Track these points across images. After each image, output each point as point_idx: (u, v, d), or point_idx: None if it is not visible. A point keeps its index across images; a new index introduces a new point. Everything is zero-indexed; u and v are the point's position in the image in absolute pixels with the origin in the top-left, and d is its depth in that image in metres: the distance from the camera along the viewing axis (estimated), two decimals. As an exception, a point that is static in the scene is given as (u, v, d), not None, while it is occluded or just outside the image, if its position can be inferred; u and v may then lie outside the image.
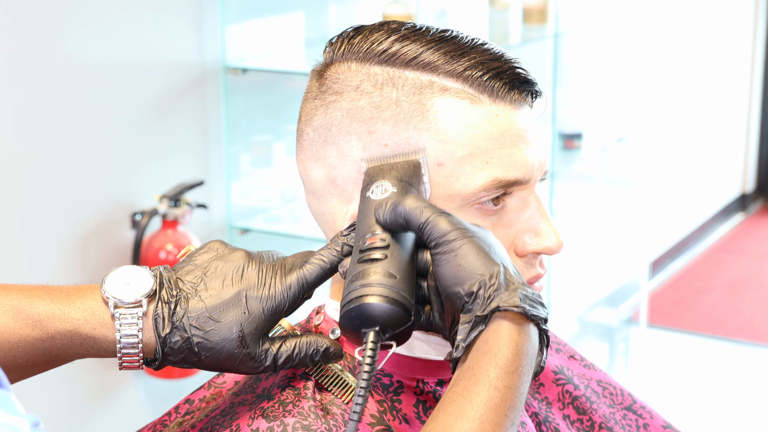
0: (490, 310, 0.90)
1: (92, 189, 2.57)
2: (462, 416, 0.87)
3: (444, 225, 0.93)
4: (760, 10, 5.65)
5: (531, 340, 0.91)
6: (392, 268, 0.91)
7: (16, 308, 0.96)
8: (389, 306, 0.90)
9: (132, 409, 2.75)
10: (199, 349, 0.96)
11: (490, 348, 0.90)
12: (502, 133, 1.01)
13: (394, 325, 0.91)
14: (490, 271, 0.91)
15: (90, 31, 2.51)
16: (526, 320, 0.91)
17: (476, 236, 0.93)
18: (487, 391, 0.88)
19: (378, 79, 1.01)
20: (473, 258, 0.91)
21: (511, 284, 0.91)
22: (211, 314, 0.96)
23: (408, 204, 0.94)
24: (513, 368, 0.89)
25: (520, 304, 0.90)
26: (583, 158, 3.83)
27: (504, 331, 0.90)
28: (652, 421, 1.24)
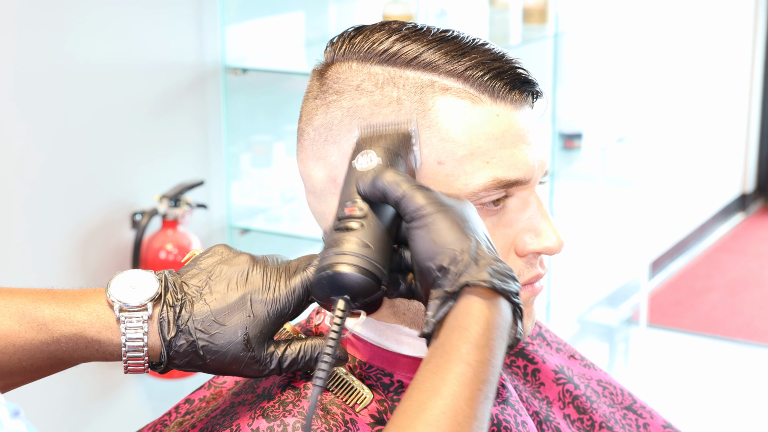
0: (459, 286, 0.90)
1: (92, 189, 2.57)
2: (435, 393, 0.87)
3: (419, 199, 0.93)
4: (760, 10, 5.65)
5: (502, 314, 0.91)
6: (367, 238, 0.92)
7: (22, 312, 0.96)
8: (359, 275, 0.91)
9: (132, 409, 2.75)
10: (204, 353, 0.96)
11: (460, 324, 0.90)
12: (502, 133, 1.01)
13: (364, 294, 0.91)
14: (461, 246, 0.91)
15: (90, 32, 2.51)
16: (496, 294, 0.91)
17: (452, 210, 0.93)
18: (459, 366, 0.88)
19: (379, 78, 1.02)
20: (446, 232, 0.92)
21: (481, 259, 0.91)
22: (216, 318, 0.96)
23: (386, 178, 0.94)
24: (484, 342, 0.89)
25: (488, 279, 0.90)
26: (583, 158, 3.83)
27: (474, 306, 0.90)
28: (652, 420, 1.24)
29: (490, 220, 1.02)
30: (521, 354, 1.21)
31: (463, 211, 0.94)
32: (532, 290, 1.06)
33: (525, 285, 1.05)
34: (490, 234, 1.02)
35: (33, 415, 2.51)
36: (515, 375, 1.19)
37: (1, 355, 0.95)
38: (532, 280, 1.05)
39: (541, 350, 1.22)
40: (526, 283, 1.05)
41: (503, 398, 1.11)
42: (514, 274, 0.93)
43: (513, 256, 1.04)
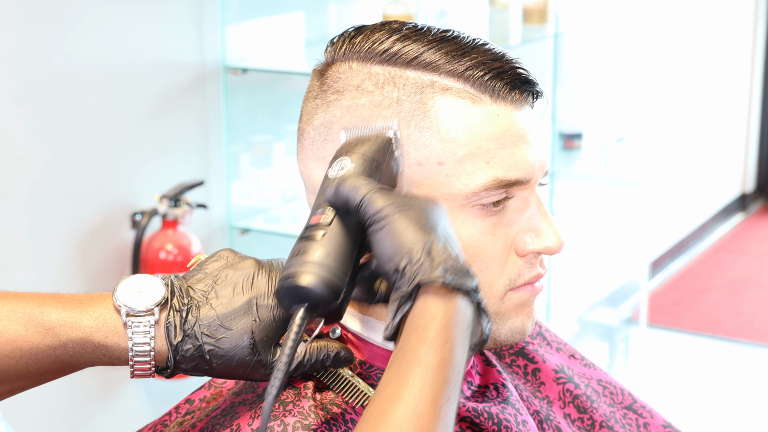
0: (414, 286, 0.90)
1: (92, 189, 2.57)
2: (397, 398, 0.87)
3: (379, 202, 0.93)
4: (760, 10, 5.65)
5: (459, 312, 0.90)
6: (328, 248, 0.92)
7: (28, 316, 0.96)
8: (318, 286, 0.91)
9: (132, 409, 2.75)
10: (210, 357, 0.97)
11: (417, 325, 0.89)
12: (503, 133, 1.01)
13: (321, 304, 0.92)
14: (417, 245, 0.91)
15: (90, 31, 2.51)
16: (451, 292, 0.90)
17: (411, 210, 0.93)
18: (419, 369, 0.87)
19: (379, 78, 1.02)
20: (403, 233, 0.91)
21: (436, 256, 0.90)
22: (222, 322, 0.97)
23: (347, 184, 0.94)
24: (441, 342, 0.88)
25: (441, 277, 0.89)
26: (583, 158, 3.83)
27: (429, 307, 0.90)
28: (652, 420, 1.24)
29: (490, 220, 1.02)
30: (521, 353, 1.21)
31: (424, 210, 0.94)
32: (532, 290, 1.06)
33: (525, 285, 1.05)
34: (491, 234, 1.02)
35: (33, 415, 2.51)
36: (515, 374, 1.19)
37: (8, 359, 0.96)
38: (532, 280, 1.05)
39: (542, 350, 1.22)
40: (527, 283, 1.05)
41: (504, 397, 1.11)
42: (472, 270, 0.92)
43: (513, 256, 1.04)
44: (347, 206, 0.94)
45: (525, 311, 1.06)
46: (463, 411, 1.06)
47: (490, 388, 1.11)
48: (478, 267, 1.02)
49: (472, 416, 1.06)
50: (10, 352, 0.96)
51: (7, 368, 0.96)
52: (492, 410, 1.08)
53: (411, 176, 1.01)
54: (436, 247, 0.91)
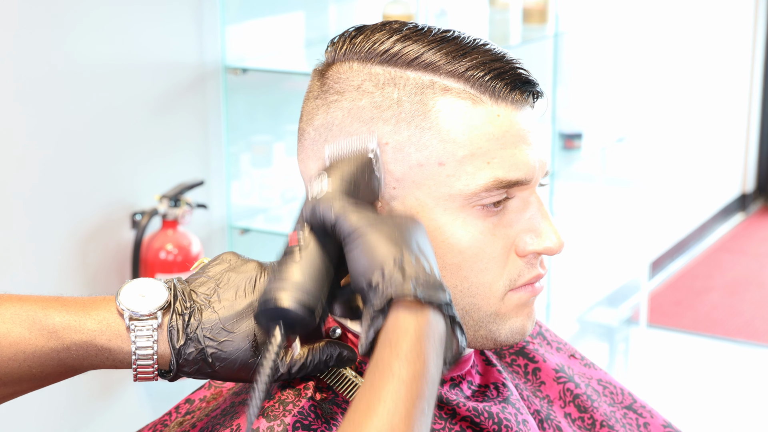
0: (385, 301, 0.91)
1: (92, 189, 2.57)
2: (371, 412, 0.87)
3: (352, 220, 0.94)
4: (760, 10, 5.65)
5: (431, 325, 0.91)
6: (304, 269, 0.94)
7: (32, 319, 0.96)
8: (293, 307, 0.92)
9: (132, 409, 2.75)
10: (213, 360, 0.97)
11: (390, 340, 0.90)
12: (503, 133, 1.01)
13: (297, 325, 0.93)
14: (388, 261, 0.91)
15: (90, 31, 2.51)
16: (423, 306, 0.91)
17: (384, 225, 0.94)
18: (392, 383, 0.88)
19: (379, 79, 1.02)
20: (374, 249, 0.92)
21: (407, 270, 0.91)
22: (224, 325, 0.97)
23: (322, 203, 0.95)
24: (414, 356, 0.89)
25: (412, 292, 0.90)
26: (583, 158, 3.83)
27: (401, 321, 0.90)
28: (652, 420, 1.24)
29: (490, 220, 1.02)
30: (522, 353, 1.21)
31: (398, 226, 0.94)
32: (532, 290, 1.06)
33: (525, 285, 1.05)
34: (491, 235, 1.02)
35: (33, 414, 2.51)
36: (516, 374, 1.19)
37: (11, 362, 0.96)
38: (533, 281, 1.05)
39: (542, 349, 1.22)
40: (527, 284, 1.05)
41: (504, 397, 1.11)
42: (444, 284, 0.93)
43: (513, 257, 1.04)
44: (323, 226, 0.95)
45: (525, 311, 1.06)
46: (464, 410, 1.06)
47: (490, 388, 1.11)
48: (479, 267, 1.02)
49: (472, 416, 1.06)
50: (13, 355, 0.96)
51: (11, 371, 0.96)
52: (492, 410, 1.08)
53: (412, 177, 1.01)
54: (408, 262, 0.91)
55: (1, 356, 0.96)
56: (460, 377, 1.10)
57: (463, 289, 1.03)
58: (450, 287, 1.03)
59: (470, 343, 1.05)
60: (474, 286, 1.03)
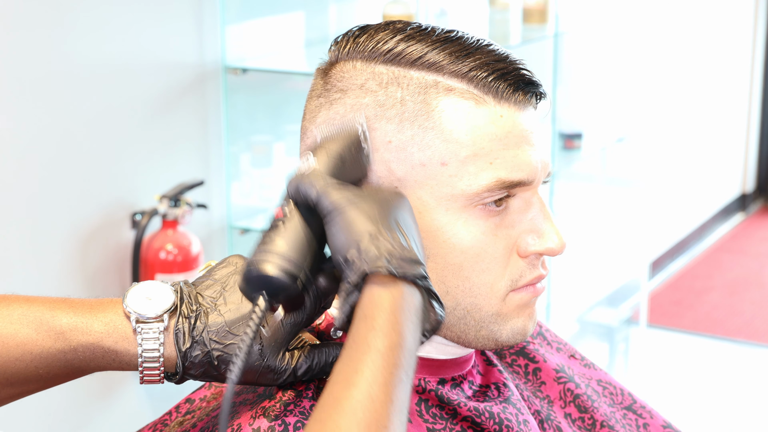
0: (360, 276, 0.92)
1: (92, 189, 2.57)
2: (350, 384, 0.88)
3: (333, 196, 0.95)
4: (760, 10, 5.65)
5: (405, 298, 0.92)
6: (287, 239, 0.95)
7: (39, 320, 0.97)
8: (275, 274, 0.94)
9: (132, 409, 2.75)
10: (219, 363, 0.97)
11: (366, 313, 0.91)
12: (506, 134, 1.01)
13: (280, 291, 0.94)
14: (364, 236, 0.92)
15: (89, 31, 2.51)
16: (396, 279, 0.92)
17: (363, 201, 0.95)
18: (369, 355, 0.89)
19: (383, 78, 1.02)
20: (352, 224, 0.93)
21: (381, 245, 0.92)
22: (230, 328, 0.98)
23: (304, 180, 0.96)
24: (389, 328, 0.90)
25: (384, 265, 0.91)
26: (583, 158, 3.83)
27: (375, 295, 0.91)
28: (652, 420, 1.24)
29: (492, 221, 1.02)
30: (522, 353, 1.21)
31: (378, 202, 0.96)
32: (534, 291, 1.06)
33: (527, 286, 1.05)
34: (493, 235, 1.02)
35: (33, 414, 2.51)
36: (516, 374, 1.19)
37: (18, 362, 0.96)
38: (534, 281, 1.05)
39: (542, 349, 1.22)
40: (528, 284, 1.05)
41: (505, 397, 1.11)
42: (418, 257, 0.93)
43: (515, 257, 1.04)
44: (306, 203, 0.96)
45: (526, 312, 1.06)
46: (465, 411, 1.06)
47: (491, 388, 1.12)
48: (480, 267, 1.02)
49: (473, 416, 1.06)
50: (20, 356, 0.96)
51: (17, 371, 0.97)
52: (493, 410, 1.08)
53: (414, 177, 1.01)
54: (383, 237, 0.92)
55: (9, 357, 0.96)
56: (461, 377, 1.10)
57: (464, 289, 1.03)
58: (452, 287, 1.03)
59: (471, 343, 1.06)
60: (476, 286, 1.03)
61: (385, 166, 1.02)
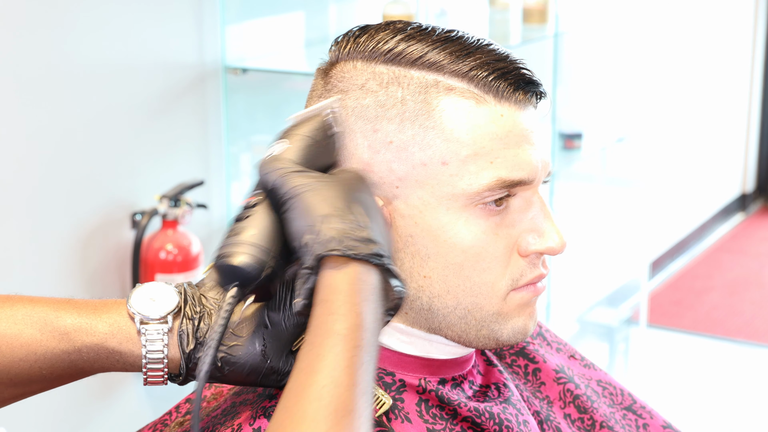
0: (315, 259, 0.92)
1: (92, 189, 2.57)
2: (313, 370, 0.88)
3: (291, 182, 0.95)
4: (760, 10, 5.65)
5: (361, 278, 0.92)
6: (255, 226, 0.95)
7: (43, 320, 0.97)
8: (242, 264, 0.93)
9: (132, 409, 2.75)
10: (222, 364, 0.97)
11: (323, 297, 0.91)
12: (506, 133, 1.01)
13: (249, 281, 0.94)
14: (317, 220, 0.92)
15: (90, 31, 2.51)
16: (350, 261, 0.92)
17: (321, 186, 0.95)
18: (329, 339, 0.89)
19: (383, 78, 1.02)
20: (308, 209, 0.93)
21: (335, 228, 0.92)
22: (234, 330, 0.98)
23: (265, 166, 0.96)
24: (347, 310, 0.90)
25: (337, 247, 0.91)
26: (583, 158, 3.83)
27: (330, 278, 0.92)
28: (651, 421, 1.24)
29: (493, 220, 1.02)
30: (522, 353, 1.21)
31: (335, 184, 0.95)
32: (534, 290, 1.06)
33: (527, 285, 1.05)
34: (493, 234, 1.02)
35: (33, 414, 2.51)
36: (516, 374, 1.19)
37: (22, 363, 0.97)
38: (535, 281, 1.05)
39: (542, 350, 1.22)
40: (529, 283, 1.05)
41: (505, 397, 1.11)
42: (372, 236, 0.93)
43: (516, 257, 1.04)
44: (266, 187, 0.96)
45: (527, 311, 1.06)
46: (465, 411, 1.06)
47: (491, 388, 1.12)
48: (481, 267, 1.02)
49: (473, 416, 1.06)
50: (24, 356, 0.96)
51: (21, 372, 0.97)
52: (493, 410, 1.08)
53: (415, 176, 1.01)
54: (336, 220, 0.92)
55: (13, 357, 0.96)
56: (461, 377, 1.10)
57: (465, 289, 1.03)
58: (453, 286, 1.03)
59: (472, 342, 1.06)
60: (476, 285, 1.03)
61: (386, 166, 1.02)
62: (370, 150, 1.02)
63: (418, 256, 1.02)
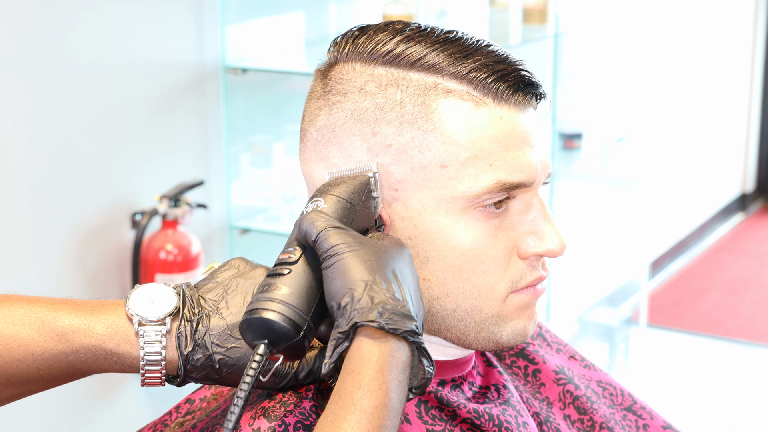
0: (350, 326, 0.91)
1: (92, 189, 2.57)
2: None
3: (332, 240, 0.94)
4: (760, 10, 5.65)
5: (394, 355, 0.91)
6: (292, 284, 0.94)
7: (41, 321, 0.97)
8: (278, 322, 0.93)
9: (132, 409, 2.75)
10: (220, 366, 0.97)
11: (353, 368, 0.90)
12: (506, 135, 1.01)
13: (281, 340, 0.93)
14: (359, 286, 0.91)
15: (90, 32, 2.51)
16: (387, 335, 0.91)
17: (363, 250, 0.94)
18: (353, 414, 0.88)
19: (382, 80, 1.02)
20: (348, 272, 0.92)
21: (375, 297, 0.91)
22: (232, 332, 0.98)
23: (306, 219, 0.95)
24: (376, 386, 0.89)
25: (376, 319, 0.90)
26: (583, 158, 3.83)
27: (364, 349, 0.91)
28: (651, 421, 1.24)
29: (492, 222, 1.02)
30: (522, 354, 1.21)
31: (378, 250, 0.95)
32: (534, 292, 1.06)
33: (527, 287, 1.05)
34: (493, 237, 1.02)
35: (32, 414, 2.51)
36: (516, 375, 1.19)
37: (20, 363, 0.97)
38: (534, 283, 1.05)
39: (542, 351, 1.22)
40: (528, 286, 1.05)
41: (505, 399, 1.11)
42: (411, 312, 0.92)
43: (515, 259, 1.04)
44: (307, 242, 0.95)
45: (527, 313, 1.06)
46: (464, 412, 1.06)
47: (491, 389, 1.11)
48: (481, 269, 1.02)
49: (473, 417, 1.06)
50: (22, 357, 0.96)
51: (19, 372, 0.97)
52: (493, 411, 1.08)
53: (414, 179, 1.01)
54: (378, 289, 0.92)
55: (10, 357, 0.96)
56: (461, 378, 1.10)
57: (465, 291, 1.03)
58: (452, 289, 1.03)
59: (472, 344, 1.06)
60: (476, 288, 1.03)
61: (385, 169, 1.02)
62: (369, 153, 1.02)
63: (418, 259, 1.02)
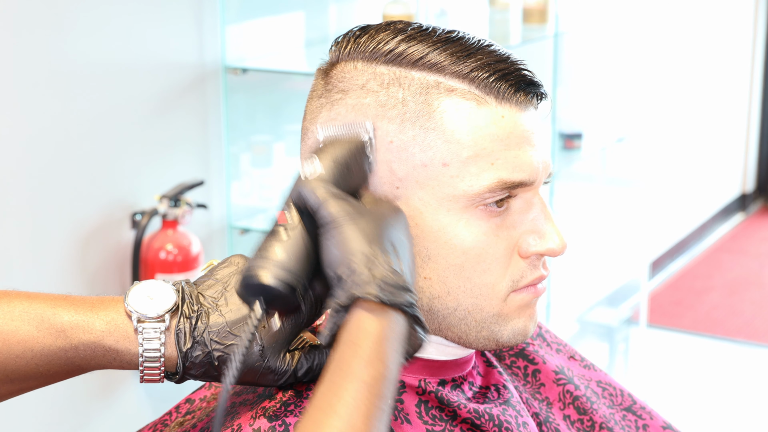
0: (349, 298, 0.92)
1: (92, 189, 2.57)
2: (332, 412, 0.88)
3: (332, 208, 0.94)
4: (760, 10, 5.65)
5: (392, 326, 0.92)
6: (288, 248, 0.95)
7: (41, 317, 0.97)
8: (273, 283, 0.94)
9: (132, 409, 2.75)
10: (219, 363, 0.97)
11: (353, 339, 0.91)
12: (507, 134, 1.01)
13: (276, 300, 0.95)
14: (358, 257, 0.92)
15: (90, 32, 2.51)
16: (385, 307, 0.92)
17: (363, 220, 0.94)
18: (353, 384, 0.89)
19: (384, 78, 1.02)
20: (349, 242, 0.93)
21: (375, 270, 0.92)
22: (231, 329, 0.98)
23: (307, 186, 0.96)
24: (375, 357, 0.90)
25: (375, 293, 0.91)
26: (583, 158, 3.83)
27: (363, 321, 0.91)
28: (651, 421, 1.24)
29: (493, 221, 1.02)
30: (522, 354, 1.21)
31: (376, 221, 0.95)
32: (534, 292, 1.06)
33: (528, 287, 1.05)
34: (494, 236, 1.02)
35: (32, 414, 2.51)
36: (515, 376, 1.19)
37: (19, 359, 0.97)
38: (535, 282, 1.05)
39: (542, 351, 1.22)
40: (529, 285, 1.05)
41: (504, 399, 1.11)
42: (408, 283, 0.93)
43: (516, 258, 1.04)
44: (306, 208, 0.96)
45: (527, 313, 1.06)
46: (464, 412, 1.06)
47: (491, 389, 1.11)
48: (482, 268, 1.02)
49: (473, 417, 1.06)
50: (21, 353, 0.96)
51: (18, 368, 0.97)
52: (493, 412, 1.08)
53: (415, 177, 1.01)
54: (377, 261, 0.92)
55: (9, 354, 0.96)
56: (461, 378, 1.10)
57: (465, 290, 1.03)
58: (453, 288, 1.03)
59: (472, 343, 1.06)
60: (477, 287, 1.03)
61: (387, 167, 1.02)
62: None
63: (419, 257, 1.02)
